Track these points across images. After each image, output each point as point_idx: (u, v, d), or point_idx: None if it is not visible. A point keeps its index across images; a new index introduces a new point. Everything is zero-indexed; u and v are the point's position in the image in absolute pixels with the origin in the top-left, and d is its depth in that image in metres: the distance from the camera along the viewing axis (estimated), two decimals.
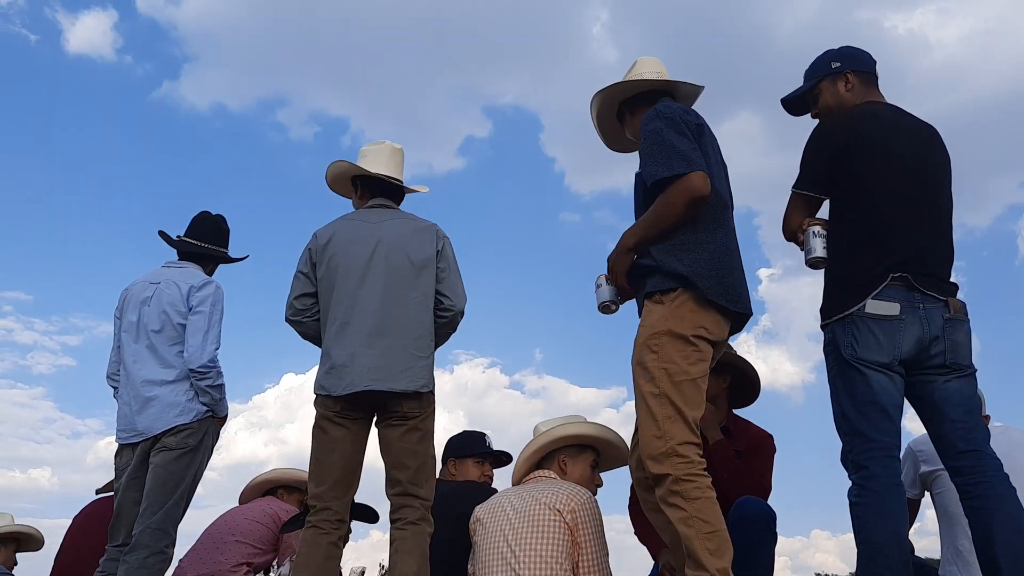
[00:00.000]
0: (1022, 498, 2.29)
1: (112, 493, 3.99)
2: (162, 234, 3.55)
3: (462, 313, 3.04)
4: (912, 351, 2.35)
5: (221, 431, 3.32)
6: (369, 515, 3.31)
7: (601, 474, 3.18)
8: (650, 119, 2.54)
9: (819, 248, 2.48)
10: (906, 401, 2.43)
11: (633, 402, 2.44)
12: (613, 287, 2.60)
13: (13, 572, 3.92)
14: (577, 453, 3.08)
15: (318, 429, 2.86)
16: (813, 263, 2.49)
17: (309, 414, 2.89)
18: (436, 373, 2.97)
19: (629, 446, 2.67)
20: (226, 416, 3.32)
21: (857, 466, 2.33)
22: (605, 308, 2.64)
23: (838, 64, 2.66)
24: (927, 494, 3.44)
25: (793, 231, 2.57)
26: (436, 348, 2.99)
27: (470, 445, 3.51)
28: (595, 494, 2.97)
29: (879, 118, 2.53)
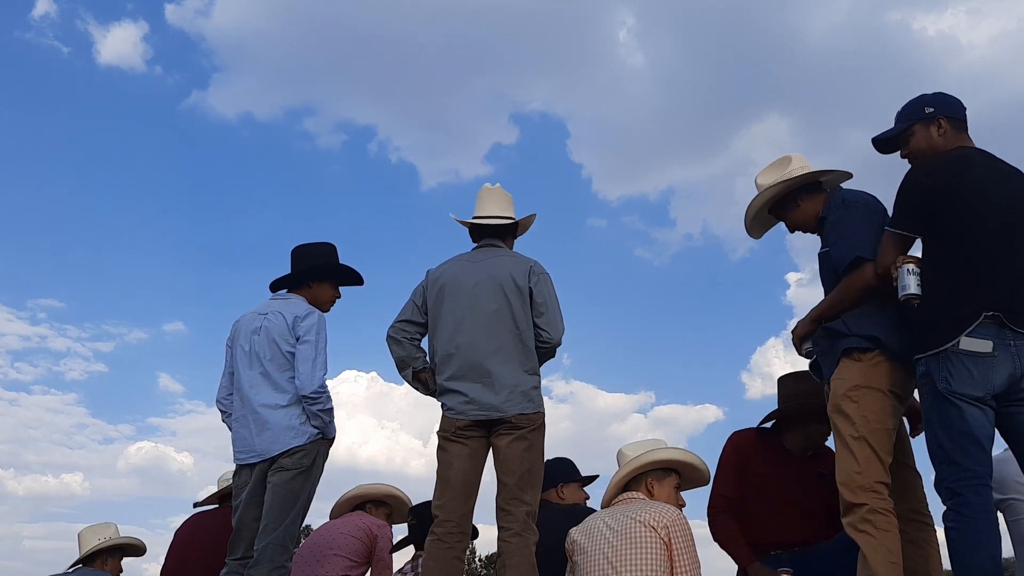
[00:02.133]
0: None
1: (212, 507, 4.21)
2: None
3: (559, 343, 3.30)
4: (1004, 386, 2.49)
5: (330, 451, 3.51)
6: None
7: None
8: (836, 207, 2.91)
9: (913, 285, 2.61)
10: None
11: (663, 407, 2.74)
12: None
13: None
14: (663, 476, 3.25)
15: (440, 450, 3.18)
16: (907, 299, 2.62)
17: (345, 419, 3.19)
18: None
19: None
20: (334, 437, 3.50)
21: (952, 493, 2.48)
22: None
23: (931, 110, 2.80)
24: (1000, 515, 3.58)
25: (887, 267, 2.71)
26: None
27: (575, 471, 3.85)
28: None
29: (972, 162, 2.68)
